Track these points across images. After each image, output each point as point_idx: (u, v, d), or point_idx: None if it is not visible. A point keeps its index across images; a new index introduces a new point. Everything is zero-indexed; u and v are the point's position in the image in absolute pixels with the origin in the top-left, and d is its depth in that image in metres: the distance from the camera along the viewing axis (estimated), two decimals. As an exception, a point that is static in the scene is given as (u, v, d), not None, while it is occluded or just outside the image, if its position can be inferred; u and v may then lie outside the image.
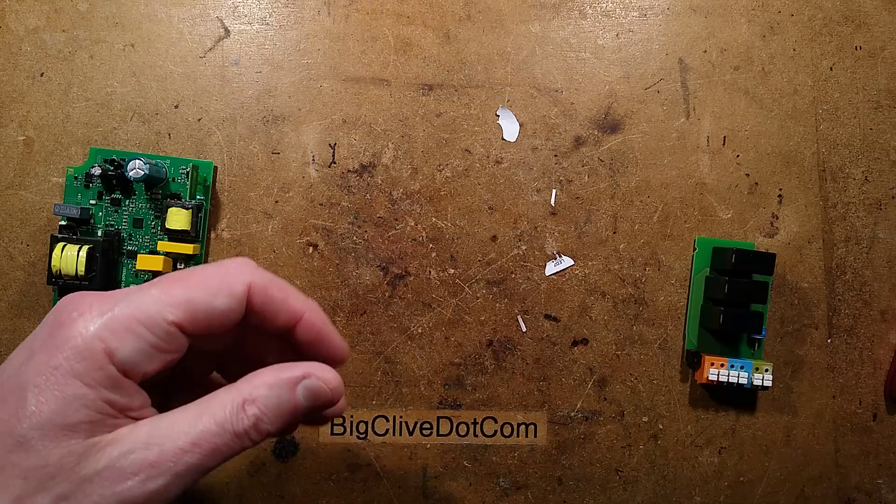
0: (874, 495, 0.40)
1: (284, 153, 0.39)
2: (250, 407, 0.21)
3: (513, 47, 0.39)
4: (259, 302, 0.22)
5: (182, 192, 0.37)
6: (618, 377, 0.39)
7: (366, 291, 0.39)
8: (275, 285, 0.22)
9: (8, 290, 0.38)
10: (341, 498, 0.39)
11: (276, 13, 0.39)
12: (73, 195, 0.37)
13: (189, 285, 0.21)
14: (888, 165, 0.40)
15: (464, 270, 0.39)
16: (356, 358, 0.39)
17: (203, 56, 0.39)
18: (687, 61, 0.40)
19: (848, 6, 0.40)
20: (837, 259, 0.40)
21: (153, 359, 0.20)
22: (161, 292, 0.20)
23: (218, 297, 0.21)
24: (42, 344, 0.19)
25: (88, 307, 0.20)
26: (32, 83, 0.38)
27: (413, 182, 0.39)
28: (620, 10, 0.40)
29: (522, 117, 0.39)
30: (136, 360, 0.20)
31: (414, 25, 0.39)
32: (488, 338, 0.39)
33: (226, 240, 0.38)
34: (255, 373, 0.22)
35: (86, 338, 0.19)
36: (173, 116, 0.38)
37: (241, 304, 0.21)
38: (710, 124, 0.40)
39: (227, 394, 0.21)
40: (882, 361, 0.40)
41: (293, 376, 0.22)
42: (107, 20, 0.38)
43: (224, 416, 0.20)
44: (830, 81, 0.40)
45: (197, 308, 0.20)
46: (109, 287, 0.37)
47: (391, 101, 0.39)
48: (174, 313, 0.20)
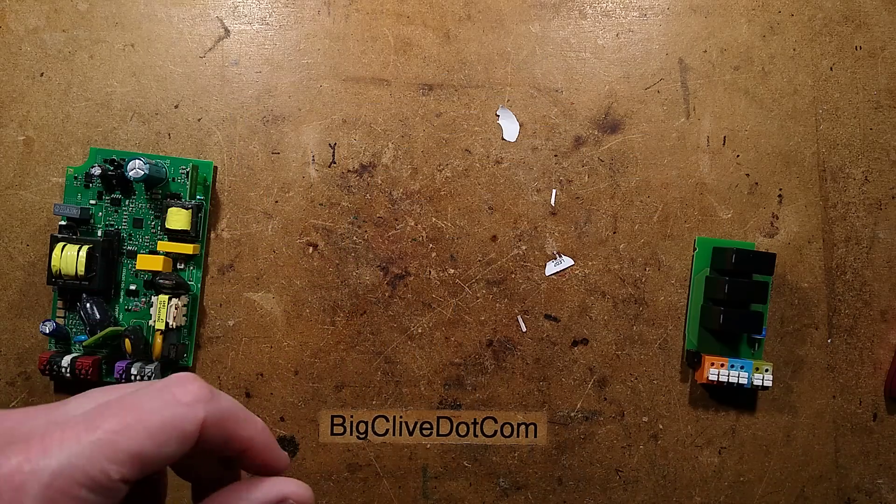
0: (874, 495, 0.40)
1: (284, 153, 0.39)
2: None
3: (513, 47, 0.39)
4: (211, 437, 0.20)
5: (182, 192, 0.37)
6: (618, 377, 0.39)
7: (366, 291, 0.39)
8: (229, 417, 0.21)
9: (8, 290, 0.38)
10: (341, 498, 0.39)
11: (276, 13, 0.39)
12: (73, 195, 0.37)
13: (136, 433, 0.18)
14: (888, 165, 0.40)
15: (464, 270, 0.39)
16: (356, 358, 0.39)
17: (203, 56, 0.39)
18: (687, 61, 0.40)
19: (848, 6, 0.40)
20: (837, 259, 0.40)
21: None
22: (104, 445, 0.18)
23: (169, 444, 0.19)
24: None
25: (21, 483, 0.17)
26: (32, 83, 0.38)
27: (413, 182, 0.39)
28: (620, 10, 0.40)
29: (522, 117, 0.39)
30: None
31: (414, 25, 0.39)
32: (488, 338, 0.39)
33: (226, 240, 0.38)
34: (219, 494, 0.21)
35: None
36: (173, 116, 0.38)
37: (191, 444, 0.20)
38: (710, 124, 0.40)
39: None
40: (882, 361, 0.40)
41: (268, 500, 0.21)
42: (107, 20, 0.38)
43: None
44: (830, 81, 0.40)
45: (145, 461, 0.18)
46: (109, 287, 0.37)
47: (391, 101, 0.39)
48: (120, 471, 0.18)
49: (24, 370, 0.38)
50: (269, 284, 0.38)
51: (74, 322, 0.37)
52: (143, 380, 0.36)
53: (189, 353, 0.38)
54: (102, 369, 0.37)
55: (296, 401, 0.39)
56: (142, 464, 0.18)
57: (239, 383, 0.38)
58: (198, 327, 0.38)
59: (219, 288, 0.38)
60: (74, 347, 0.37)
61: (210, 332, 0.38)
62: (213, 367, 0.38)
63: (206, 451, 0.21)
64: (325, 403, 0.39)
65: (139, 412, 0.19)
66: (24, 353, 0.38)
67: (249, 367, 0.38)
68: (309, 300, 0.39)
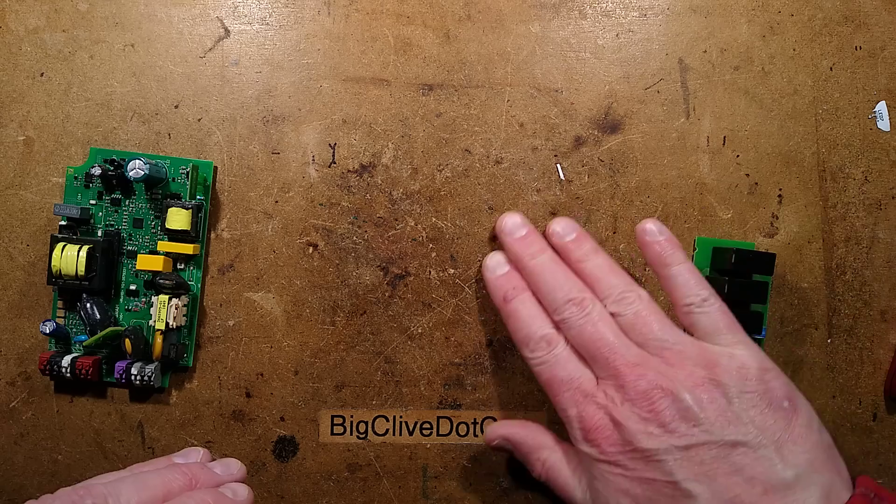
0: (874, 495, 0.40)
1: (284, 153, 0.39)
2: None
3: (513, 47, 0.39)
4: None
5: (182, 192, 0.37)
6: (618, 377, 0.39)
7: (366, 291, 0.39)
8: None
9: (8, 290, 0.38)
10: (341, 498, 0.39)
11: (276, 13, 0.39)
12: (73, 195, 0.37)
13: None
14: (888, 165, 0.40)
15: (464, 270, 0.39)
16: (356, 358, 0.39)
17: (203, 56, 0.39)
18: (687, 61, 0.40)
19: (848, 6, 0.40)
20: (837, 259, 0.40)
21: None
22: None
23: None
24: None
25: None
26: (32, 83, 0.38)
27: (413, 182, 0.39)
28: (620, 10, 0.40)
29: (522, 117, 0.39)
30: None
31: (414, 25, 0.39)
32: (488, 338, 0.39)
33: (226, 240, 0.38)
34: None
35: None
36: (173, 116, 0.38)
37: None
38: (710, 124, 0.40)
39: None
40: (882, 361, 0.40)
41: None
42: (107, 20, 0.38)
43: None
44: (830, 81, 0.40)
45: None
46: (109, 287, 0.37)
47: (391, 101, 0.39)
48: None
49: (25, 370, 0.38)
50: (269, 284, 0.38)
51: (74, 322, 0.37)
52: (143, 380, 0.36)
53: (189, 353, 0.38)
54: (102, 369, 0.37)
55: (296, 401, 0.39)
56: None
57: (239, 383, 0.38)
58: (198, 327, 0.38)
59: (219, 288, 0.38)
60: (74, 347, 0.38)
61: (210, 332, 0.38)
62: (213, 367, 0.38)
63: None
64: (325, 403, 0.39)
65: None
66: (24, 353, 0.38)
67: (249, 366, 0.38)
68: (309, 300, 0.39)
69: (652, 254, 0.34)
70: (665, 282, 0.34)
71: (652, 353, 0.31)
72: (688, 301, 0.32)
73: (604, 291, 0.33)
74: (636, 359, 0.31)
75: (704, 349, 0.31)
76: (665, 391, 0.29)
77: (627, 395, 0.30)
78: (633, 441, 0.29)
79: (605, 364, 0.31)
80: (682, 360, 0.30)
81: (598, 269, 0.34)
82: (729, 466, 0.28)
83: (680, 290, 0.33)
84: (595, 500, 0.31)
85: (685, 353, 0.31)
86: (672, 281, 0.33)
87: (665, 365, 0.31)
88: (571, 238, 0.35)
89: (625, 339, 0.32)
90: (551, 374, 0.33)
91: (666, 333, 0.31)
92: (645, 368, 0.30)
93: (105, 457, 0.38)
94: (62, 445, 0.38)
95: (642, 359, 0.31)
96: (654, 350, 0.31)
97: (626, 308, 0.32)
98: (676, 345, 0.31)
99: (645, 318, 0.32)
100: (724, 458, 0.28)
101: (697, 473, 0.28)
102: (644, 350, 0.31)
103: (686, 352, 0.31)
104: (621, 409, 0.30)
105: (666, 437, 0.29)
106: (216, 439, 0.38)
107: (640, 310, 0.32)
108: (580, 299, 0.32)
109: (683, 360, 0.30)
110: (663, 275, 0.34)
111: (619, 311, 0.32)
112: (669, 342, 0.31)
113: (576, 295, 0.33)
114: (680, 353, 0.31)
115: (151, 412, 0.38)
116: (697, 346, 0.31)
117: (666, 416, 0.29)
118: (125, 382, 0.36)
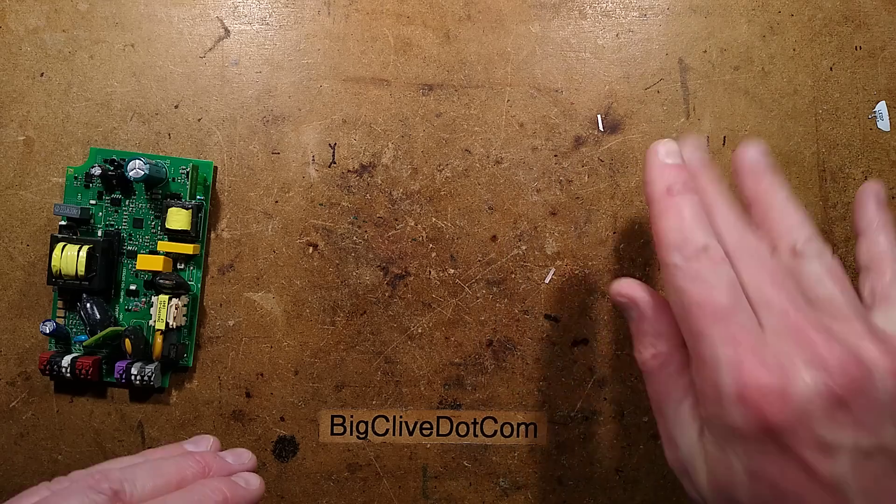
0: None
1: (284, 153, 0.39)
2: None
3: (513, 47, 0.39)
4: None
5: (182, 192, 0.37)
6: (618, 377, 0.39)
7: (366, 291, 0.39)
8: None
9: (8, 290, 0.38)
10: (341, 498, 0.39)
11: (276, 13, 0.39)
12: (73, 195, 0.37)
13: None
14: (888, 165, 0.40)
15: (464, 270, 0.39)
16: (356, 358, 0.39)
17: (203, 56, 0.39)
18: (687, 61, 0.40)
19: (848, 6, 0.40)
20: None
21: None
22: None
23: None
24: None
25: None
26: (32, 83, 0.38)
27: (413, 182, 0.39)
28: (620, 10, 0.40)
29: (522, 117, 0.39)
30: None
31: (414, 25, 0.39)
32: (488, 338, 0.39)
33: (226, 240, 0.38)
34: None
35: None
36: (173, 116, 0.38)
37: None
38: (710, 124, 0.40)
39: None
40: (882, 361, 0.40)
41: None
42: (107, 20, 0.38)
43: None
44: (830, 81, 0.40)
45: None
46: (109, 287, 0.37)
47: (391, 101, 0.39)
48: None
49: (25, 370, 0.38)
50: (269, 284, 0.38)
51: (74, 322, 0.37)
52: (143, 380, 0.36)
53: (189, 353, 0.38)
54: (102, 369, 0.37)
55: (296, 401, 0.39)
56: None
57: (239, 383, 0.38)
58: (198, 327, 0.38)
59: (219, 288, 0.38)
60: (74, 347, 0.38)
61: (210, 332, 0.38)
62: (213, 367, 0.38)
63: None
64: (325, 403, 0.39)
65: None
66: (24, 353, 0.38)
67: (249, 366, 0.38)
68: (309, 300, 0.39)
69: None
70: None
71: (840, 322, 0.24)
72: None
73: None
74: (836, 326, 0.24)
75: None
76: (863, 370, 0.22)
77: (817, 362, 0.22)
78: (810, 423, 0.22)
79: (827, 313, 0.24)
80: (880, 341, 0.23)
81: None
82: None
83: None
84: (707, 459, 0.25)
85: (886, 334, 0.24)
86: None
87: (860, 340, 0.23)
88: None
89: (853, 295, 0.25)
90: (705, 295, 0.24)
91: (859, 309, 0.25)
92: (838, 339, 0.23)
93: (105, 457, 0.38)
94: (62, 445, 0.38)
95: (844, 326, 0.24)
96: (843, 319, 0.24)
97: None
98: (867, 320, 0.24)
99: (844, 284, 0.26)
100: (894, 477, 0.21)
101: (868, 489, 0.21)
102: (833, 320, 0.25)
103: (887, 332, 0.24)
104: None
105: (852, 432, 0.21)
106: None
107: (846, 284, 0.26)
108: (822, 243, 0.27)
109: (881, 341, 0.23)
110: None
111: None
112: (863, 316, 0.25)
113: (818, 237, 0.27)
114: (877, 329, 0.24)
115: (151, 412, 0.38)
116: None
117: (860, 404, 0.22)
118: (125, 382, 0.36)
